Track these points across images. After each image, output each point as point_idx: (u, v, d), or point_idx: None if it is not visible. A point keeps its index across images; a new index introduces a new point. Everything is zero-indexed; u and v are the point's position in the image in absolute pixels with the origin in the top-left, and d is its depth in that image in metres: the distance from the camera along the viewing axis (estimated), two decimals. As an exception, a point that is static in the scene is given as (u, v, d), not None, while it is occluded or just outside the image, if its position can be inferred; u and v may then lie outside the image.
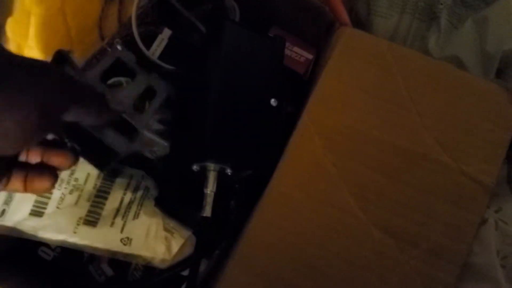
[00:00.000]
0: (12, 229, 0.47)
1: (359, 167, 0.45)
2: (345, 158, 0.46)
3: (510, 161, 0.51)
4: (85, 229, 0.47)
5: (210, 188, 0.46)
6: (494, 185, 0.44)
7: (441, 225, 0.43)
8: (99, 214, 0.48)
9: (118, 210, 0.49)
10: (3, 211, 0.46)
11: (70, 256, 0.54)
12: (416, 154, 0.45)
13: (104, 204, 0.49)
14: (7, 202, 0.47)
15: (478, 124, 0.45)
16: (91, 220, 0.48)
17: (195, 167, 0.46)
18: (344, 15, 0.50)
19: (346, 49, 0.49)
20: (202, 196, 0.46)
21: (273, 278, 0.43)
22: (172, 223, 0.50)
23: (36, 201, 0.47)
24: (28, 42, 0.55)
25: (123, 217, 0.48)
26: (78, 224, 0.47)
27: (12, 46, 0.55)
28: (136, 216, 0.49)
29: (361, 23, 0.64)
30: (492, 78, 0.53)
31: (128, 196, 0.49)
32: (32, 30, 0.55)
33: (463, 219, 0.43)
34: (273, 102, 0.48)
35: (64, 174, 0.49)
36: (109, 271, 0.55)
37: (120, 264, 0.54)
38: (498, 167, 0.44)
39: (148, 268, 0.53)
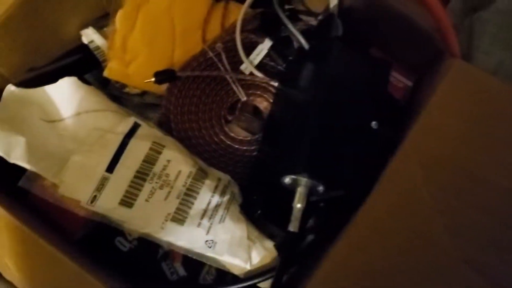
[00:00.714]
0: (102, 216, 0.48)
1: (459, 203, 0.44)
2: (445, 191, 0.45)
3: None
4: (172, 226, 0.48)
5: (300, 203, 0.46)
6: None
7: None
8: (187, 212, 0.49)
9: (205, 211, 0.49)
10: (95, 197, 0.48)
11: (145, 250, 0.55)
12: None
13: (192, 203, 0.49)
14: (99, 189, 0.48)
15: None
16: (179, 217, 0.48)
17: (287, 180, 0.47)
18: (456, 47, 0.49)
19: (455, 81, 0.48)
20: (286, 210, 0.47)
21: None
22: (255, 233, 0.50)
23: (127, 191, 0.48)
24: (133, 36, 0.57)
25: (209, 218, 0.49)
26: (166, 220, 0.48)
27: (118, 37, 0.57)
28: (222, 220, 0.49)
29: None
30: None
31: (216, 199, 0.50)
32: (139, 24, 0.57)
33: None
34: (374, 124, 0.48)
35: (156, 168, 0.50)
36: (181, 271, 0.55)
37: (193, 265, 0.55)
38: None
39: (221, 273, 0.53)
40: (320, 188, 0.46)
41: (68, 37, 0.60)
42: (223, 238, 0.48)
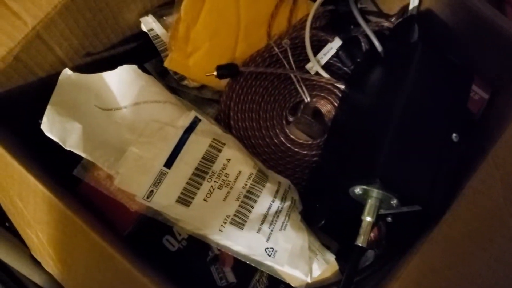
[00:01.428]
0: (158, 213, 0.46)
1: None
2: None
3: None
4: (231, 229, 0.46)
5: (370, 217, 0.43)
6: None
7: None
8: (247, 216, 0.46)
9: (265, 216, 0.47)
10: (151, 192, 0.46)
11: (194, 251, 0.53)
12: None
13: (252, 207, 0.47)
14: (156, 184, 0.46)
15: None
16: (238, 221, 0.46)
17: (357, 190, 0.44)
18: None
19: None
20: (350, 222, 0.44)
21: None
22: (317, 244, 0.48)
23: (185, 189, 0.46)
24: (197, 26, 0.55)
25: (270, 225, 0.47)
26: (224, 222, 0.46)
27: (182, 26, 0.55)
28: (283, 227, 0.47)
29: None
30: None
31: (276, 204, 0.48)
32: (203, 15, 0.55)
33: None
34: (454, 137, 0.45)
35: (216, 167, 0.47)
36: (231, 277, 0.53)
37: (244, 271, 0.52)
38: None
39: (273, 282, 0.51)
40: (394, 202, 0.43)
41: (128, 24, 0.58)
42: (284, 246, 0.46)
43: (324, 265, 0.46)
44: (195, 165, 0.47)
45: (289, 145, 0.54)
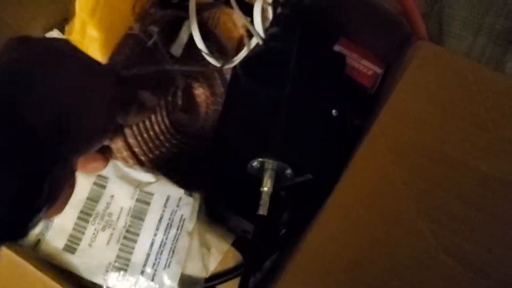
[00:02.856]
0: (50, 259, 0.47)
1: (431, 186, 0.44)
2: (416, 176, 0.45)
3: None
4: (115, 276, 0.47)
5: (268, 187, 0.46)
6: None
7: (515, 255, 0.42)
8: (129, 260, 0.47)
9: (148, 256, 0.47)
10: (38, 241, 0.47)
11: None
12: (494, 179, 0.44)
13: (133, 248, 0.47)
14: (43, 232, 0.47)
15: None
16: (120, 267, 0.47)
17: (255, 164, 0.47)
18: (423, 28, 0.49)
19: (423, 63, 0.48)
20: (253, 198, 0.46)
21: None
22: (209, 236, 0.50)
23: (70, 236, 0.47)
24: (93, 21, 0.56)
25: (153, 265, 0.47)
26: (107, 271, 0.47)
27: (77, 21, 0.56)
28: (167, 265, 0.47)
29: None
30: None
31: (160, 238, 0.48)
32: (99, 10, 0.56)
33: (542, 253, 0.42)
34: (334, 112, 0.50)
35: (99, 208, 0.48)
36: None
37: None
38: None
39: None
40: (288, 172, 0.46)
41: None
42: (169, 284, 0.47)
43: (219, 257, 0.48)
44: (80, 207, 0.48)
45: (173, 131, 0.56)
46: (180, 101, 0.56)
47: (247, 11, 0.56)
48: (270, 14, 0.55)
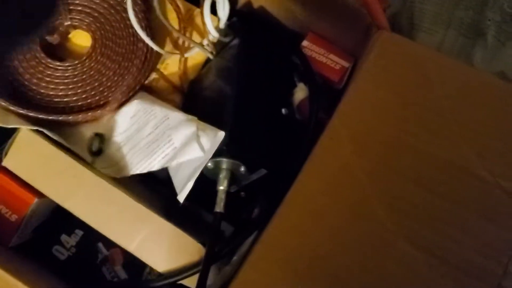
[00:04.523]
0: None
1: (392, 175, 0.45)
2: (376, 165, 0.45)
3: None
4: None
5: (222, 186, 0.47)
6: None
7: (475, 242, 0.42)
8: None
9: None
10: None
11: (84, 256, 0.55)
12: (454, 166, 0.44)
13: None
14: None
15: (521, 139, 0.45)
16: None
17: (209, 165, 0.47)
18: (382, 18, 0.50)
19: (383, 53, 0.49)
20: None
21: (289, 284, 0.43)
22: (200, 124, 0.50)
23: None
24: None
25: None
26: None
27: None
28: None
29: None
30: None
31: None
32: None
33: (500, 238, 0.42)
34: (284, 111, 0.53)
35: None
36: (122, 274, 0.55)
37: (134, 267, 0.55)
38: (540, 183, 0.43)
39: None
40: (242, 169, 0.47)
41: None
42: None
43: (212, 138, 0.48)
44: None
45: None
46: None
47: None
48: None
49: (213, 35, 0.55)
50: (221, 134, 0.47)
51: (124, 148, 0.52)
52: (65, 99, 0.52)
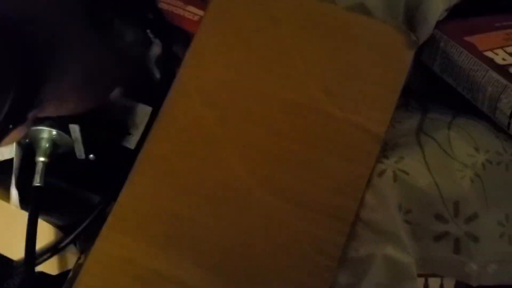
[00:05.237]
0: None
1: (243, 123, 0.43)
2: (227, 114, 0.44)
3: (423, 113, 0.50)
4: None
5: (43, 157, 0.46)
6: (385, 134, 0.42)
7: (329, 181, 0.41)
8: None
9: None
10: None
11: None
12: (301, 105, 0.43)
13: None
14: None
15: (368, 69, 0.43)
16: None
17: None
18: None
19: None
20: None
21: (145, 252, 0.41)
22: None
23: None
24: None
25: None
26: None
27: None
28: None
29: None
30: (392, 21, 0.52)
31: None
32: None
33: (353, 173, 0.41)
34: None
35: None
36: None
37: (3, 259, 0.51)
38: (389, 113, 0.42)
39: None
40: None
41: None
42: None
43: None
44: None
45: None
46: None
47: None
48: None
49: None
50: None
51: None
52: None
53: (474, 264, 0.42)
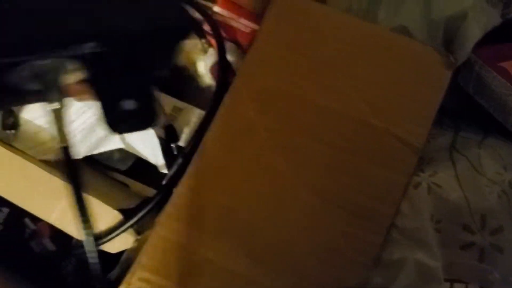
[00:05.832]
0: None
1: (291, 130, 0.48)
2: (277, 121, 0.48)
3: (456, 131, 0.53)
4: None
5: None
6: (423, 147, 0.46)
7: (368, 186, 0.45)
8: None
9: None
10: None
11: (11, 232, 0.57)
12: (347, 116, 0.47)
13: None
14: None
15: (408, 87, 0.48)
16: None
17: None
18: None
19: (279, 11, 0.51)
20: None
21: (197, 240, 0.45)
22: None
23: None
24: None
25: None
26: None
27: None
28: None
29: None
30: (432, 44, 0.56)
31: None
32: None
33: (391, 181, 0.45)
34: None
35: None
36: (51, 246, 0.57)
37: (61, 238, 0.56)
38: (427, 128, 0.46)
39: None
40: None
41: None
42: None
43: None
44: None
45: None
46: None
47: None
48: None
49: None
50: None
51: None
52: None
53: (498, 273, 0.45)
